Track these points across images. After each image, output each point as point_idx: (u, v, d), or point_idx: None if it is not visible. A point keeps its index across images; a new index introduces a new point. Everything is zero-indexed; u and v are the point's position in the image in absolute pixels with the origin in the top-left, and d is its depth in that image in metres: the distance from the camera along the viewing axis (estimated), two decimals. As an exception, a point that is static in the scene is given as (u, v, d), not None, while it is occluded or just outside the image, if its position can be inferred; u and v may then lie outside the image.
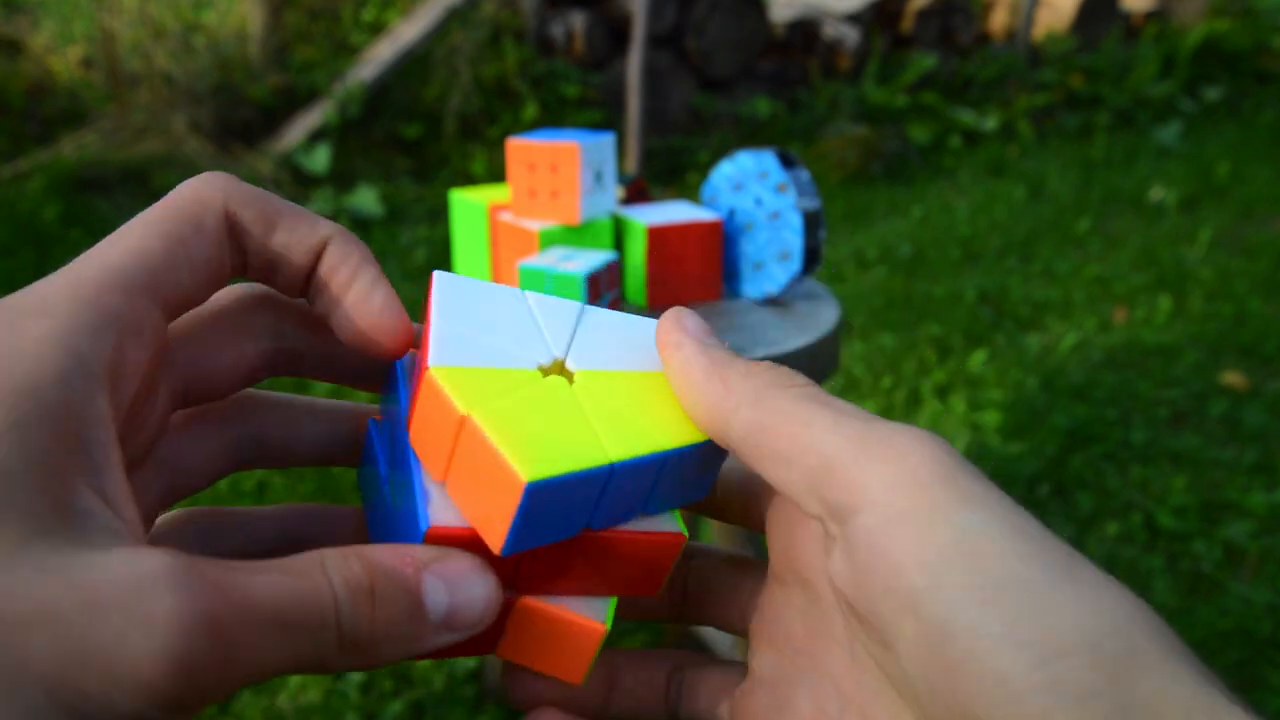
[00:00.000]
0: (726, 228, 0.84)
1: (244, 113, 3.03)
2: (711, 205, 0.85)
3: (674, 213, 0.83)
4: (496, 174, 3.01)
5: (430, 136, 3.15)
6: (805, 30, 3.90)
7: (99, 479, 0.17)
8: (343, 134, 3.01)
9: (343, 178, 2.92)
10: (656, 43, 3.30)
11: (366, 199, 2.73)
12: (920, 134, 3.55)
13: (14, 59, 3.03)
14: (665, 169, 3.23)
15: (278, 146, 2.96)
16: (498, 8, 3.30)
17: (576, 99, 3.25)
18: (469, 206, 0.86)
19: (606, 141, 0.80)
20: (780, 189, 0.79)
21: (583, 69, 3.34)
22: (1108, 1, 4.48)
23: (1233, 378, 1.86)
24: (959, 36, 4.20)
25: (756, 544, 0.94)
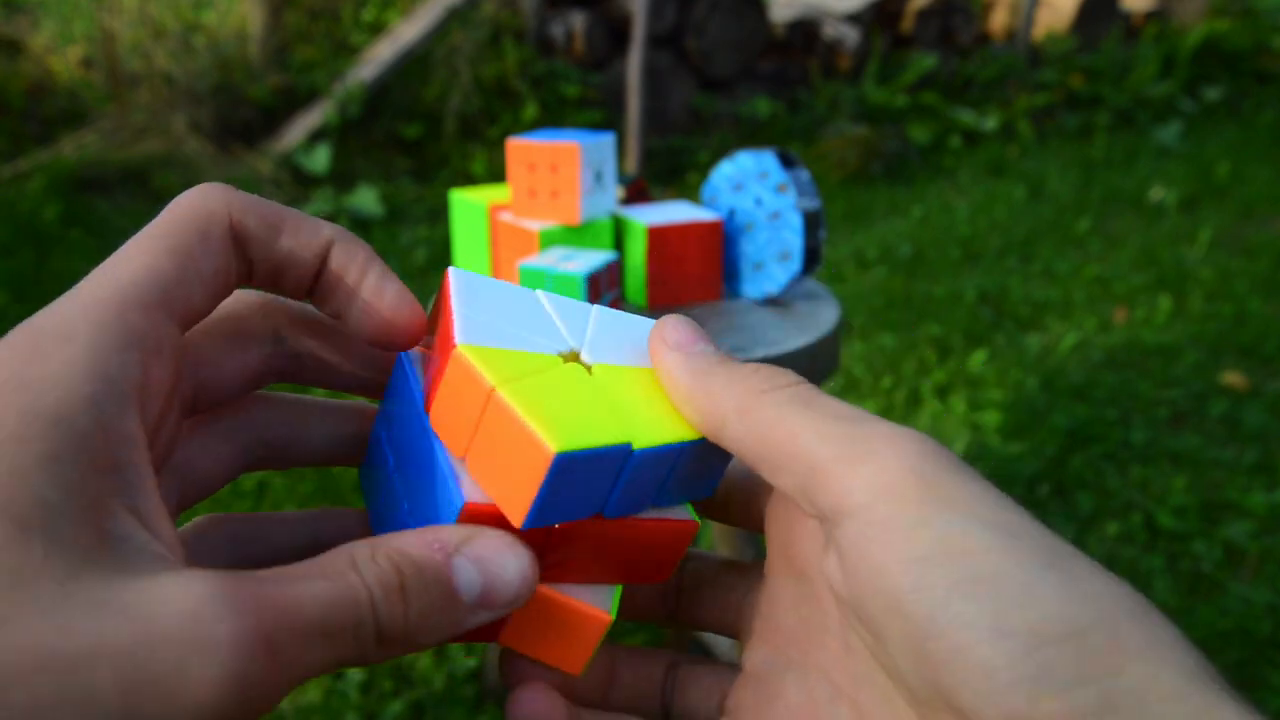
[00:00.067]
0: (726, 228, 0.84)
1: (244, 113, 3.04)
2: (711, 205, 0.85)
3: (674, 213, 0.83)
4: (496, 174, 3.01)
5: (430, 136, 3.15)
6: (805, 30, 3.90)
7: (135, 501, 0.17)
8: (343, 134, 3.01)
9: (343, 178, 2.92)
10: (656, 43, 3.30)
11: (366, 199, 2.73)
12: (920, 134, 3.55)
13: (14, 59, 3.03)
14: (665, 169, 3.23)
15: (278, 146, 2.96)
16: (498, 8, 3.30)
17: (576, 99, 3.25)
18: (469, 206, 0.86)
19: (606, 141, 0.80)
20: (780, 189, 0.79)
21: (583, 69, 3.34)
22: (1108, 1, 4.48)
23: (1233, 378, 1.86)
24: (959, 36, 4.20)
25: (755, 548, 0.94)
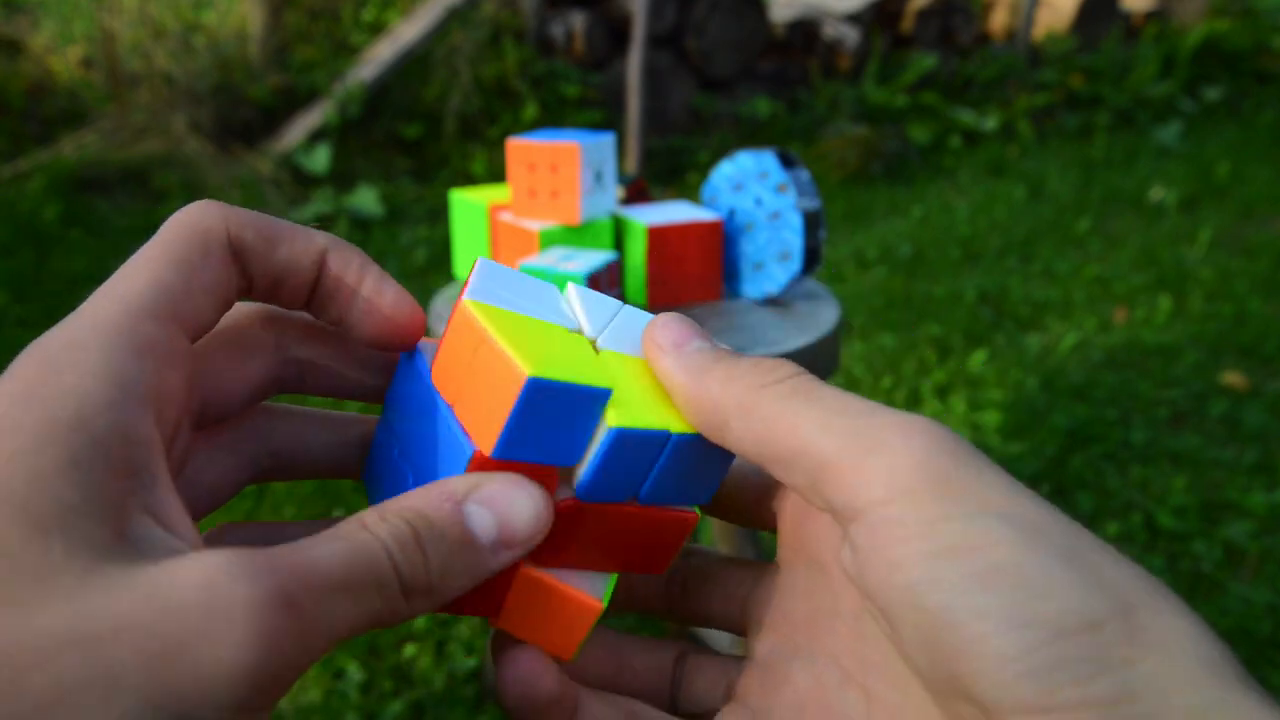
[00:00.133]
0: (726, 228, 0.84)
1: (244, 113, 3.04)
2: (711, 205, 0.85)
3: (674, 213, 0.83)
4: (496, 174, 3.01)
5: (430, 136, 3.15)
6: (805, 30, 3.90)
7: (153, 502, 0.18)
8: (343, 134, 3.01)
9: (343, 178, 2.92)
10: (656, 43, 3.30)
11: (366, 199, 2.73)
12: (920, 134, 3.55)
13: (14, 59, 3.03)
14: (665, 169, 3.23)
15: (278, 146, 2.96)
16: (498, 8, 3.30)
17: (576, 99, 3.25)
18: (469, 206, 0.86)
19: (606, 141, 0.80)
20: (780, 189, 0.79)
21: (583, 69, 3.34)
22: (1108, 1, 4.48)
23: (1233, 378, 1.86)
24: (959, 36, 4.20)
25: (756, 548, 0.94)
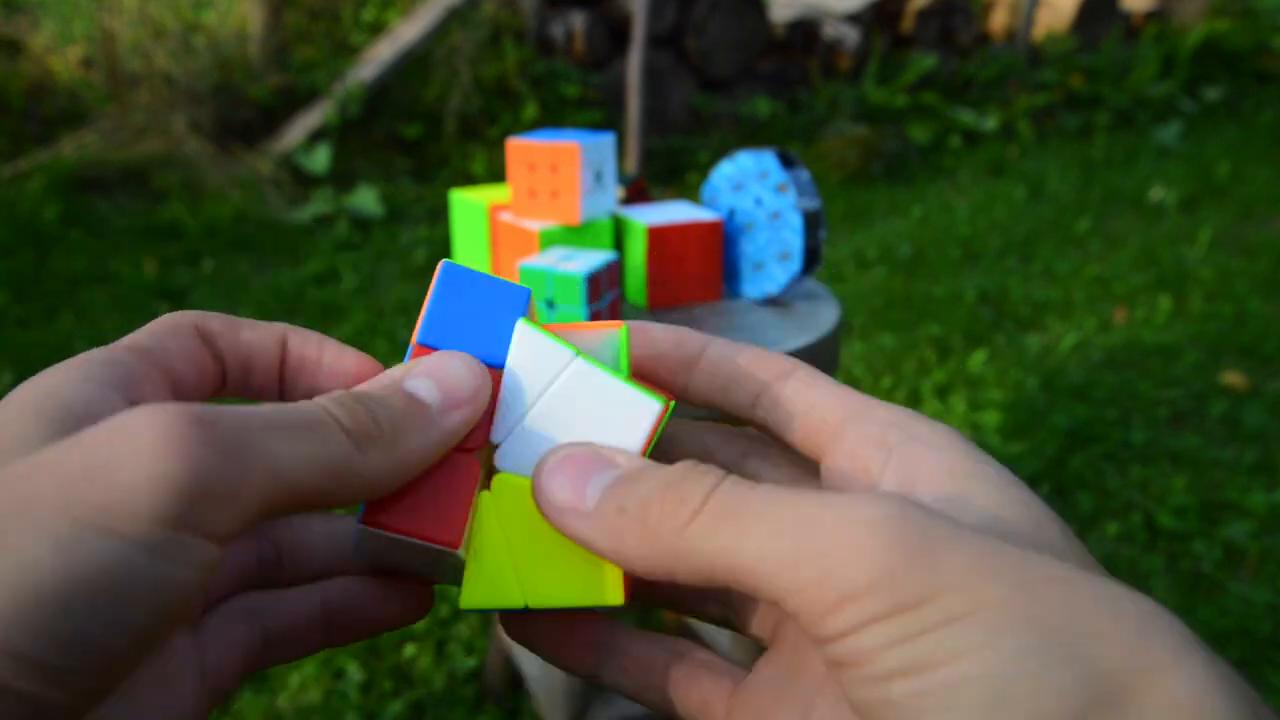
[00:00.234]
0: (726, 228, 0.84)
1: (244, 113, 3.04)
2: (711, 205, 0.85)
3: (674, 213, 0.83)
4: (496, 174, 3.01)
5: (430, 136, 3.15)
6: (805, 30, 3.90)
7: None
8: (343, 134, 3.01)
9: (343, 178, 2.92)
10: (656, 43, 3.30)
11: (366, 199, 2.73)
12: (920, 134, 3.55)
13: (14, 59, 3.03)
14: (665, 169, 3.23)
15: (278, 146, 2.96)
16: (498, 8, 3.30)
17: (576, 99, 3.25)
18: (469, 206, 0.86)
19: (606, 141, 0.80)
20: (780, 189, 0.79)
21: (583, 69, 3.34)
22: (1108, 1, 4.48)
23: (1233, 378, 1.86)
24: (959, 36, 4.20)
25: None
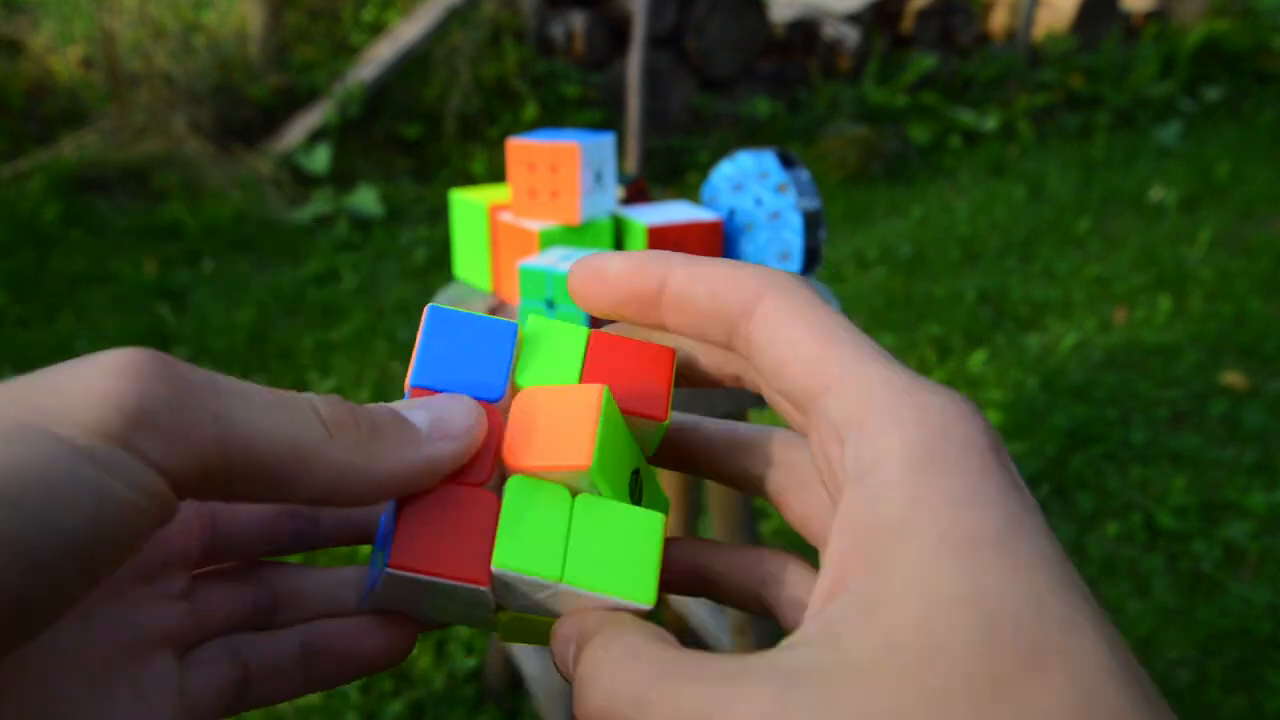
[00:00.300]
0: (726, 228, 0.84)
1: (244, 113, 3.04)
2: (711, 205, 0.85)
3: (674, 213, 0.83)
4: (496, 174, 3.01)
5: (430, 136, 3.15)
6: (805, 30, 3.90)
7: None
8: (343, 134, 3.01)
9: (343, 178, 2.92)
10: (656, 43, 3.30)
11: (366, 199, 2.73)
12: (920, 134, 3.55)
13: (14, 59, 3.03)
14: (665, 169, 3.23)
15: (278, 146, 2.96)
16: (498, 8, 3.30)
17: (576, 99, 3.25)
18: (469, 206, 0.86)
19: (606, 141, 0.80)
20: (780, 189, 0.79)
21: (583, 69, 3.34)
22: (1108, 1, 4.48)
23: (1233, 378, 1.86)
24: (959, 36, 4.20)
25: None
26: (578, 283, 0.22)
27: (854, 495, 0.17)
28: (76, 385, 0.16)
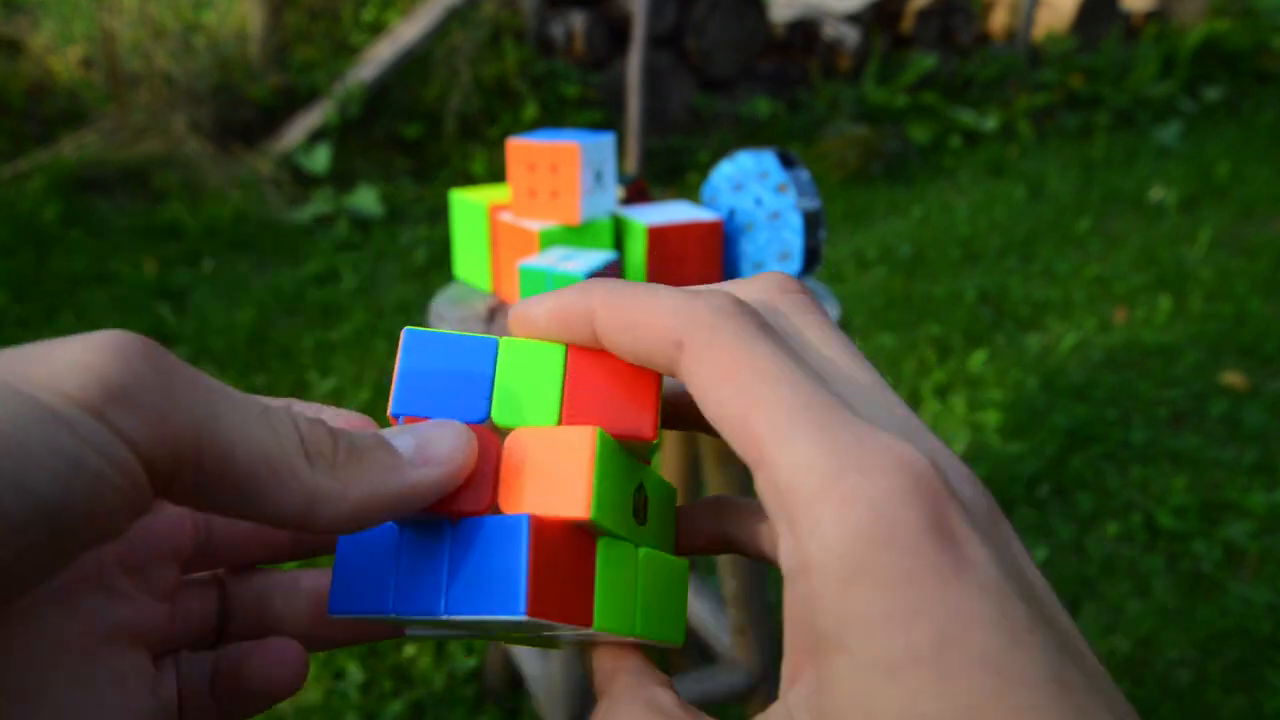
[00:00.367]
0: (726, 228, 0.84)
1: (244, 113, 3.04)
2: (711, 205, 0.85)
3: (674, 213, 0.83)
4: (496, 174, 3.01)
5: (430, 136, 3.15)
6: (805, 30, 3.90)
7: None
8: (343, 134, 3.01)
9: (343, 178, 2.92)
10: (656, 43, 3.30)
11: (366, 199, 2.73)
12: (920, 134, 3.55)
13: (14, 59, 3.03)
14: (665, 169, 3.23)
15: (278, 146, 2.96)
16: (498, 8, 3.30)
17: (576, 99, 3.25)
18: (469, 206, 0.86)
19: (606, 141, 0.80)
20: (780, 189, 0.79)
21: (583, 69, 3.34)
22: (1108, 1, 4.48)
23: (1233, 378, 1.86)
24: (959, 36, 4.20)
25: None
26: (514, 331, 0.22)
27: (793, 593, 0.17)
28: (64, 356, 0.16)
